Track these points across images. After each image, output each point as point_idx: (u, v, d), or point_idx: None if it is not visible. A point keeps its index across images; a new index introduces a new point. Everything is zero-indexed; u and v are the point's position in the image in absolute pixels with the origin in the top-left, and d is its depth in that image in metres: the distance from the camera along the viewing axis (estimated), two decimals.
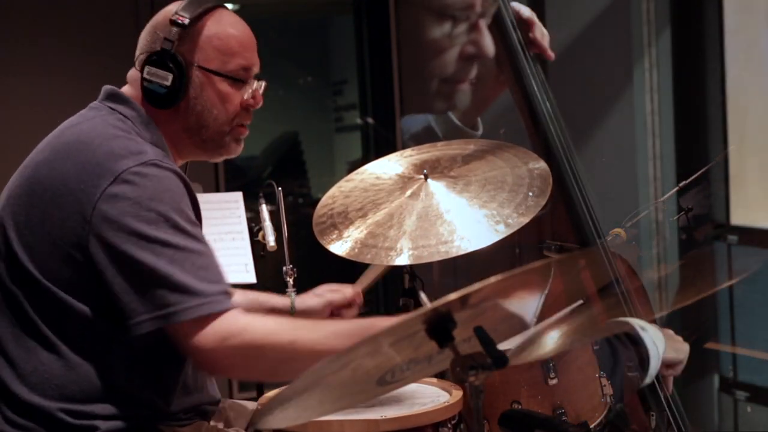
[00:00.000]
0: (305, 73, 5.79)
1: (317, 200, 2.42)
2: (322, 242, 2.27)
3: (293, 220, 2.94)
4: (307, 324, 1.93)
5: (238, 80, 2.05)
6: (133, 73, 2.08)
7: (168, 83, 2.00)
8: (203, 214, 2.05)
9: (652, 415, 2.55)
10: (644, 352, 2.36)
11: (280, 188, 2.91)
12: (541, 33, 2.54)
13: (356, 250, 2.21)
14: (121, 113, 2.02)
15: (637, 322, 2.41)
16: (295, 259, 2.78)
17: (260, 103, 2.11)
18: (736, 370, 4.04)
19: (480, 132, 2.67)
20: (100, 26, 4.38)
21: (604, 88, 4.24)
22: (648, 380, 2.39)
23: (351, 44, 5.18)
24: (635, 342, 2.37)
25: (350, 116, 5.60)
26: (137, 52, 2.08)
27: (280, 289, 2.77)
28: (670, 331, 2.51)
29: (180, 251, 1.86)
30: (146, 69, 2.01)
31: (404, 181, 2.34)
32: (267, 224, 2.95)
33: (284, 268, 2.75)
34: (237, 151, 2.12)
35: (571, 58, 4.13)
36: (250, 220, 3.11)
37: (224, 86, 2.04)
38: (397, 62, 4.75)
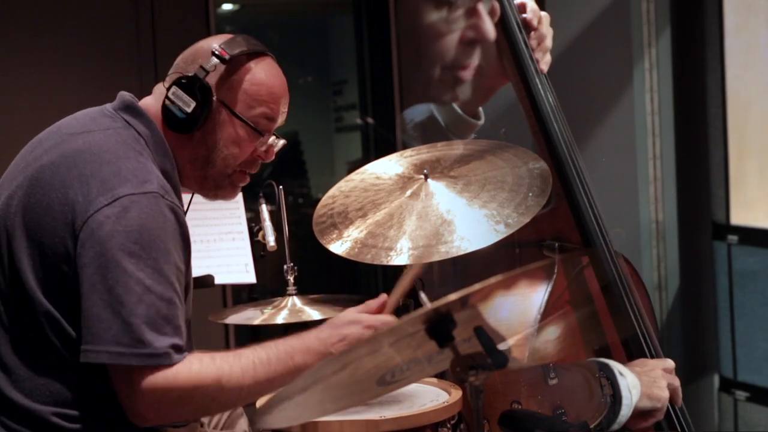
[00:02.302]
0: (305, 73, 5.79)
1: (317, 200, 2.42)
2: (322, 242, 2.27)
3: (293, 219, 2.94)
4: (229, 357, 1.91)
5: (256, 130, 2.05)
6: (159, 88, 2.06)
7: (189, 110, 1.99)
8: (203, 214, 2.05)
9: None
10: (617, 397, 2.35)
11: (281, 187, 2.91)
12: (538, 40, 2.53)
13: (356, 249, 2.21)
14: (136, 130, 2.00)
15: (617, 366, 2.40)
16: (296, 259, 2.78)
17: (271, 159, 2.11)
18: (736, 370, 4.04)
19: (482, 121, 2.66)
20: (100, 25, 4.38)
21: (604, 88, 4.24)
22: (616, 427, 2.36)
23: (351, 44, 5.18)
24: (611, 382, 2.36)
25: (350, 116, 5.60)
26: (171, 70, 2.06)
27: (280, 288, 2.78)
28: (657, 373, 2.45)
29: (150, 294, 1.84)
30: (172, 89, 2.00)
31: (404, 181, 2.34)
32: (267, 224, 2.95)
33: (285, 267, 2.75)
34: (232, 196, 2.12)
35: (571, 58, 4.13)
36: (250, 220, 3.11)
37: (242, 131, 2.04)
38: (397, 62, 4.76)
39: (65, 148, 1.96)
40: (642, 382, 2.37)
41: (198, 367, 1.88)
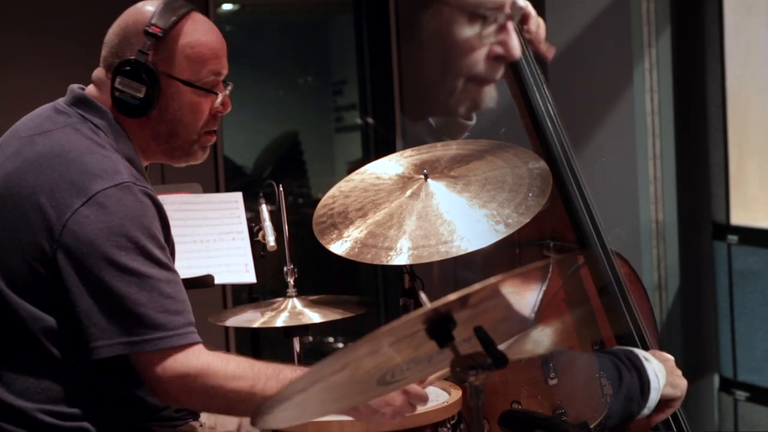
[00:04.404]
0: (305, 73, 5.79)
1: (317, 200, 2.42)
2: (322, 242, 2.27)
3: (293, 220, 2.94)
4: (270, 373, 1.91)
5: (210, 91, 2.04)
6: (100, 75, 2.05)
7: (141, 95, 1.98)
8: (203, 214, 2.05)
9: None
10: (645, 381, 2.37)
11: (281, 187, 2.91)
12: (537, 25, 2.53)
13: (356, 249, 2.21)
14: (92, 122, 1.99)
15: (641, 353, 2.42)
16: (296, 259, 2.78)
17: (229, 109, 2.10)
18: (736, 370, 4.04)
19: (473, 122, 2.66)
20: (100, 25, 4.37)
21: (604, 88, 4.24)
22: (646, 411, 2.38)
23: (351, 44, 5.18)
24: (638, 369, 2.37)
25: (350, 116, 5.60)
26: (105, 52, 2.05)
27: (280, 288, 2.77)
28: (671, 363, 2.48)
29: (148, 280, 1.86)
30: (118, 79, 1.99)
31: (404, 181, 2.34)
32: (267, 224, 2.95)
33: (285, 269, 2.75)
34: (202, 157, 2.12)
35: (571, 58, 4.13)
36: (250, 220, 3.11)
37: (195, 96, 2.03)
38: (397, 62, 4.75)
39: (27, 153, 1.96)
40: (665, 368, 2.40)
41: (234, 367, 1.90)
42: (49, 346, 1.89)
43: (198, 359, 1.88)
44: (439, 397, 2.21)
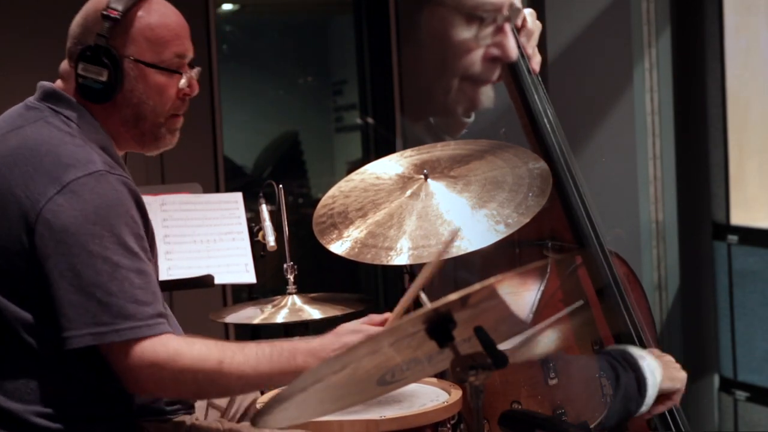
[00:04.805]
0: (305, 73, 5.79)
1: (317, 200, 2.42)
2: (322, 242, 2.27)
3: (293, 220, 2.94)
4: (234, 347, 1.93)
5: (173, 71, 2.04)
6: (66, 67, 2.06)
7: (103, 79, 1.98)
8: (203, 214, 2.04)
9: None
10: (642, 379, 2.38)
11: (281, 187, 2.91)
12: (528, 37, 2.53)
13: (356, 249, 2.21)
14: (63, 114, 2.00)
15: (636, 351, 2.43)
16: (295, 259, 2.78)
17: (196, 91, 2.09)
18: (736, 370, 4.04)
19: (472, 119, 2.67)
20: None
21: (604, 88, 4.24)
22: (644, 408, 2.39)
23: (351, 44, 5.18)
24: (634, 368, 2.38)
25: (350, 116, 5.60)
26: (69, 43, 2.06)
27: (280, 288, 2.78)
28: (668, 358, 2.49)
29: (120, 269, 1.86)
30: (80, 65, 1.99)
31: (404, 181, 2.34)
32: (267, 224, 2.95)
33: (285, 265, 2.75)
34: (172, 142, 2.11)
35: (571, 58, 4.13)
36: (250, 220, 3.11)
37: (159, 77, 2.02)
38: (397, 62, 4.76)
39: (1, 150, 1.96)
40: (660, 364, 2.40)
41: (200, 347, 1.90)
42: (35, 345, 1.89)
43: (165, 347, 1.87)
44: (439, 397, 2.21)
